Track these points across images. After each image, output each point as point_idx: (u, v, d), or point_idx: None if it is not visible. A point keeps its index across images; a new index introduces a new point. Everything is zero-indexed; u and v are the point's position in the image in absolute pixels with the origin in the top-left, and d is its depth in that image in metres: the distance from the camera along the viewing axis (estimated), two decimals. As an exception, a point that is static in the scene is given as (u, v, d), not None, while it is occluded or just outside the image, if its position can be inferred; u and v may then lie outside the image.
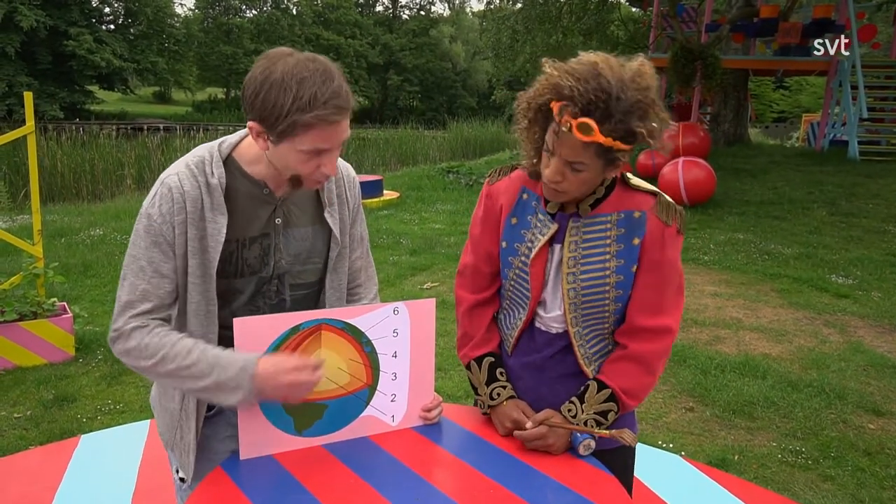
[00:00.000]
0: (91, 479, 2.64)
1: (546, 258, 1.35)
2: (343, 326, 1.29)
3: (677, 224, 1.31)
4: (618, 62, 1.18)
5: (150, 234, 1.20)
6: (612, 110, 1.13)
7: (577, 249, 1.32)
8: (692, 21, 13.30)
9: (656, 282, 1.31)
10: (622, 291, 1.32)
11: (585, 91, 1.12)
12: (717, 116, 13.47)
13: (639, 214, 1.30)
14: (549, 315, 1.38)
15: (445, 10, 59.17)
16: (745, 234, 7.61)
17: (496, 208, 1.41)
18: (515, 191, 1.39)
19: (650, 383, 1.36)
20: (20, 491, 2.55)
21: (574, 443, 1.31)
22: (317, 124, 1.12)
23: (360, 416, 1.34)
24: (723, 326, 4.68)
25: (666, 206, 1.31)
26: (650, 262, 1.31)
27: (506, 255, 1.40)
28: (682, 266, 1.35)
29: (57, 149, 11.53)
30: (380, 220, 8.41)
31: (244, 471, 1.21)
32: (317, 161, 1.19)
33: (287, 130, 1.13)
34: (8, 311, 3.72)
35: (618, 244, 1.31)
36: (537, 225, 1.35)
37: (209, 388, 1.17)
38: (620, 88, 1.14)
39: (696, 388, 3.62)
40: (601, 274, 1.31)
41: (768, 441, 3.07)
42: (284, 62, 1.12)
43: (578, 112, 1.14)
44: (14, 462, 2.76)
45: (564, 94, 1.14)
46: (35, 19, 29.95)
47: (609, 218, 1.32)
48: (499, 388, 1.41)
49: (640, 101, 1.15)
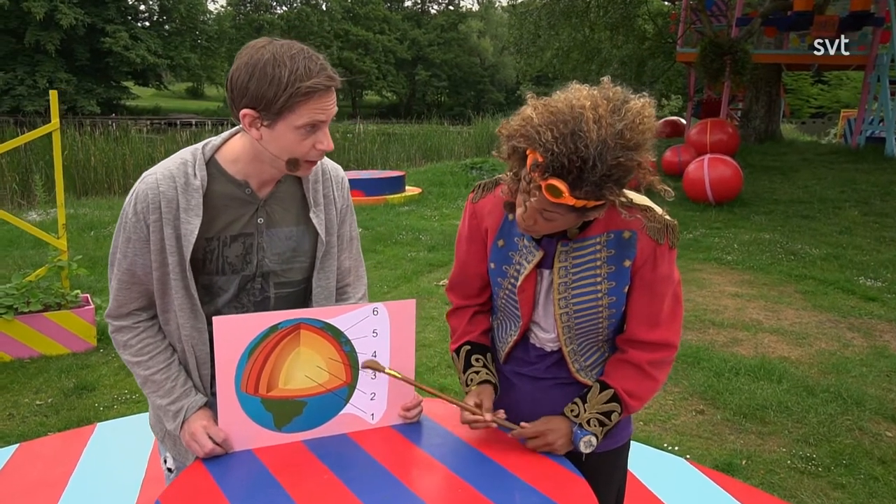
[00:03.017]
0: (104, 465, 2.73)
1: (535, 281, 1.33)
2: (322, 326, 1.31)
3: (669, 241, 1.27)
4: (611, 109, 1.05)
5: (125, 231, 1.27)
6: (586, 177, 1.05)
7: (567, 275, 1.29)
8: (722, 15, 12.99)
9: (650, 297, 1.30)
10: (615, 310, 1.31)
11: (560, 153, 1.04)
12: (748, 112, 13.16)
13: (628, 235, 1.25)
14: (543, 335, 1.38)
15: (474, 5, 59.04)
16: (771, 234, 7.44)
17: (482, 230, 1.38)
18: (501, 212, 1.34)
19: (653, 387, 1.35)
20: (37, 475, 2.65)
21: (575, 440, 1.31)
22: (314, 93, 1.16)
23: (339, 413, 1.36)
24: (741, 328, 4.59)
25: (657, 223, 1.25)
26: (642, 280, 1.29)
27: (495, 276, 1.39)
28: (678, 274, 1.32)
29: (90, 144, 11.86)
30: (400, 216, 8.45)
31: (222, 465, 1.25)
32: (312, 139, 1.22)
33: (286, 105, 1.15)
34: (34, 302, 3.86)
35: (608, 266, 1.28)
36: (522, 251, 1.33)
37: (158, 406, 1.34)
38: (600, 153, 1.03)
39: (708, 391, 3.57)
40: (593, 297, 1.29)
41: (778, 446, 3.01)
42: (268, 48, 1.17)
43: (549, 175, 1.06)
44: (33, 447, 2.88)
45: (538, 150, 1.07)
46: (74, 17, 30.85)
47: (598, 239, 1.27)
48: (472, 373, 1.42)
49: (621, 165, 1.05)
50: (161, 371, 1.32)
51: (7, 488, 2.54)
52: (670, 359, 1.35)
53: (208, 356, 1.34)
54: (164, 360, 1.33)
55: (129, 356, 1.33)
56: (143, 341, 1.32)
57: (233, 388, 1.27)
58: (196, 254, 1.28)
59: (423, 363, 3.92)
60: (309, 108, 1.17)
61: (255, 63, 1.15)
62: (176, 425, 1.31)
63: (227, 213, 1.30)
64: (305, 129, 1.20)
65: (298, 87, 1.14)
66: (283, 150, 1.22)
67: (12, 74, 30.55)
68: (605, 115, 1.04)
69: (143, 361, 1.32)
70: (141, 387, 1.35)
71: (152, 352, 1.33)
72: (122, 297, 1.31)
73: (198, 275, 1.30)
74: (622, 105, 1.07)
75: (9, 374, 3.62)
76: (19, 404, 3.32)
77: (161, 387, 1.32)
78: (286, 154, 1.23)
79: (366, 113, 41.46)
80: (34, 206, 8.79)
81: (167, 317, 1.33)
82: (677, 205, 8.86)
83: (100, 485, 2.59)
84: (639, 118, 1.07)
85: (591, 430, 1.31)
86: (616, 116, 1.05)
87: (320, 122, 1.20)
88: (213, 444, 1.25)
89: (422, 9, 54.41)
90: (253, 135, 1.22)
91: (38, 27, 30.33)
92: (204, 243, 1.29)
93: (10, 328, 3.76)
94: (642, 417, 3.31)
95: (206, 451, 1.25)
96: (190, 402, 1.32)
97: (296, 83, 1.14)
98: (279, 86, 1.14)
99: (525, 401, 1.42)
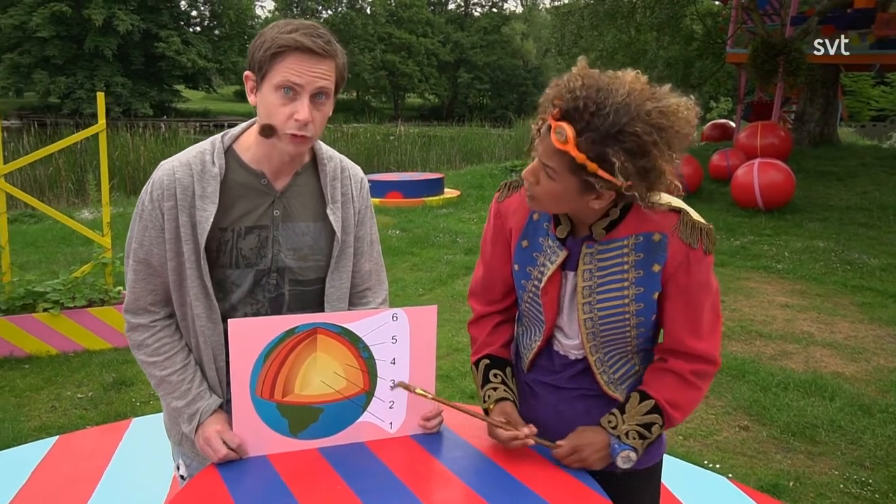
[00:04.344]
0: (137, 460, 2.77)
1: (559, 284, 1.26)
2: (339, 331, 1.27)
3: (703, 245, 1.18)
4: (651, 92, 1.04)
5: (141, 220, 1.27)
6: (595, 126, 1.02)
7: (591, 278, 1.22)
8: (776, 14, 12.49)
9: (687, 306, 1.21)
10: (644, 318, 1.23)
11: (579, 96, 1.03)
12: (802, 115, 12.60)
13: (658, 237, 1.18)
14: (567, 342, 1.31)
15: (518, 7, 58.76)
16: (825, 242, 7.09)
17: (506, 230, 1.34)
18: (526, 210, 1.30)
19: (696, 399, 1.26)
20: (74, 468, 2.71)
21: (612, 455, 1.23)
22: (288, 50, 1.16)
23: (356, 421, 1.32)
24: (791, 340, 4.36)
25: (690, 226, 1.17)
26: (676, 287, 1.20)
27: (519, 279, 1.33)
28: (717, 283, 1.24)
29: (141, 144, 12.28)
30: (438, 219, 8.41)
31: (236, 470, 1.22)
32: (290, 107, 1.19)
33: (264, 60, 1.17)
34: (78, 298, 3.98)
35: (636, 270, 1.20)
36: (546, 251, 1.27)
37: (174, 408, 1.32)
38: (617, 109, 1.01)
39: (754, 406, 3.39)
40: (620, 303, 1.21)
41: (830, 468, 2.83)
42: (281, 19, 1.22)
43: (559, 114, 1.05)
44: (71, 440, 2.94)
45: (561, 92, 1.06)
46: (131, 23, 32.07)
47: (626, 242, 1.20)
48: (490, 389, 1.35)
49: (637, 136, 1.01)
50: (178, 372, 1.30)
51: (44, 481, 2.60)
52: (712, 373, 1.26)
53: (223, 348, 1.31)
54: (181, 360, 1.31)
55: (145, 356, 1.31)
56: (160, 341, 1.31)
57: (248, 392, 1.23)
58: (210, 244, 1.26)
59: (457, 368, 3.86)
60: (285, 66, 1.17)
61: (262, 31, 1.22)
62: (191, 428, 1.29)
63: (242, 203, 1.28)
64: (282, 91, 1.18)
65: (275, 40, 1.16)
66: (265, 114, 1.22)
67: (73, 79, 31.96)
68: (640, 90, 1.04)
69: (160, 362, 1.30)
70: (156, 388, 1.34)
71: (169, 352, 1.31)
72: (139, 289, 1.30)
73: (212, 268, 1.28)
74: (663, 95, 1.06)
75: (54, 367, 3.73)
76: (62, 397, 3.41)
77: (177, 388, 1.30)
78: (265, 119, 1.21)
79: (407, 115, 41.71)
80: (87, 205, 9.12)
81: (184, 310, 1.31)
82: (724, 210, 8.56)
83: (132, 479, 2.63)
84: (674, 109, 1.04)
85: (630, 443, 1.23)
86: (651, 96, 1.04)
87: (296, 85, 1.18)
88: (227, 450, 1.23)
89: (465, 11, 54.43)
90: (251, 101, 1.24)
91: (97, 33, 31.65)
92: (218, 233, 1.27)
93: (56, 322, 3.88)
94: (682, 431, 3.17)
95: (220, 457, 1.22)
96: (205, 405, 1.30)
97: (275, 37, 1.17)
98: (263, 42, 1.18)
99: (547, 411, 1.35)
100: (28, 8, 30.78)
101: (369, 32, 44.88)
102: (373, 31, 45.25)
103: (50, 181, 10.70)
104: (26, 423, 3.13)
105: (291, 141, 1.22)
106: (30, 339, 3.85)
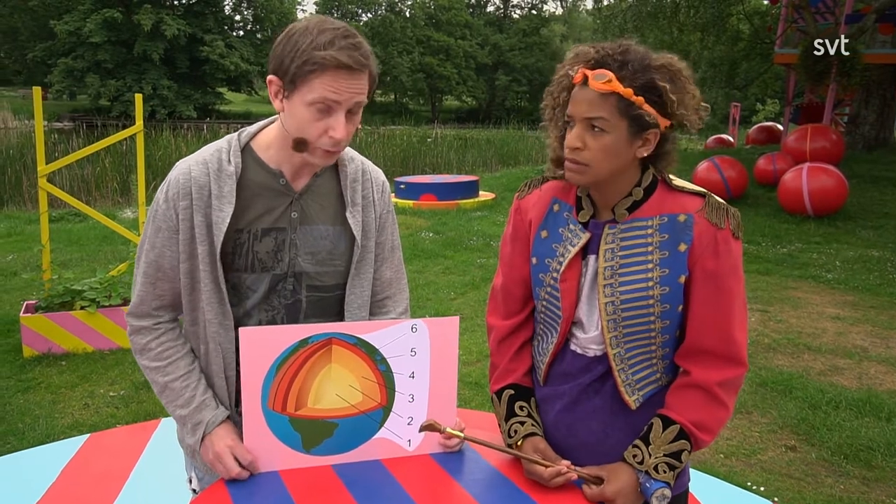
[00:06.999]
0: (164, 460, 2.77)
1: (579, 271, 1.20)
2: (355, 342, 1.20)
3: (731, 226, 1.12)
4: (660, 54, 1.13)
5: (155, 221, 1.23)
6: (629, 61, 1.09)
7: (613, 258, 1.16)
8: (829, 12, 11.98)
9: (715, 295, 1.13)
10: (669, 306, 1.14)
11: (603, 48, 1.11)
12: (856, 118, 12.06)
13: (684, 217, 1.14)
14: (585, 336, 1.21)
15: (557, 9, 58.24)
16: (880, 251, 6.73)
17: (525, 224, 1.28)
18: (546, 202, 1.27)
19: (724, 416, 1.16)
20: (103, 466, 2.72)
21: (646, 496, 1.14)
22: (328, 67, 1.08)
23: (373, 437, 1.24)
24: (843, 355, 4.12)
25: (716, 207, 1.15)
26: (704, 272, 1.13)
27: (536, 273, 1.25)
28: (743, 274, 1.16)
29: (183, 146, 12.59)
30: (472, 222, 8.33)
31: (245, 487, 1.16)
32: (325, 123, 1.13)
33: (298, 74, 1.09)
34: (114, 296, 4.04)
35: (661, 251, 1.14)
36: (568, 236, 1.21)
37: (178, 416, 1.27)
38: (641, 57, 1.09)
39: (802, 425, 3.20)
40: (643, 285, 1.14)
41: (888, 496, 2.63)
42: (310, 19, 1.13)
43: (593, 64, 1.10)
44: (102, 438, 2.97)
45: (582, 55, 1.12)
46: (177, 28, 33.03)
47: (650, 222, 1.15)
48: (517, 424, 1.26)
49: (664, 66, 1.10)
50: (181, 378, 1.25)
51: (74, 478, 2.62)
52: (741, 380, 1.17)
53: (234, 356, 1.26)
54: (185, 366, 1.26)
55: (148, 361, 1.26)
56: (164, 345, 1.26)
57: (259, 405, 1.18)
58: (225, 247, 1.21)
59: (486, 375, 3.76)
60: (322, 83, 1.09)
61: (289, 31, 1.13)
62: (196, 440, 1.24)
63: (259, 204, 1.23)
64: (317, 107, 1.11)
65: (311, 55, 1.08)
66: (295, 127, 1.15)
67: (122, 82, 33.11)
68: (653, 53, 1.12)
69: (162, 367, 1.25)
70: (158, 396, 1.29)
71: (172, 356, 1.26)
72: (145, 293, 1.25)
73: (226, 272, 1.23)
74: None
75: (89, 365, 3.79)
76: (95, 394, 3.46)
77: (180, 395, 1.25)
78: (296, 132, 1.15)
79: (445, 118, 41.71)
80: (130, 204, 9.37)
81: (195, 315, 1.26)
82: (771, 216, 8.23)
83: (158, 479, 2.62)
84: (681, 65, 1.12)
85: (661, 478, 1.13)
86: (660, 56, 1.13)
87: (333, 102, 1.11)
88: (239, 468, 1.17)
89: (504, 13, 54.20)
90: (276, 106, 1.17)
91: (145, 38, 32.71)
92: (234, 235, 1.22)
93: (92, 320, 3.95)
94: (723, 449, 3.00)
95: (232, 476, 1.17)
96: (210, 417, 1.24)
97: (311, 52, 1.08)
98: (295, 52, 1.09)
99: (560, 427, 1.26)
100: (82, 14, 32.02)
101: (408, 35, 45.09)
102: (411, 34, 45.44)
103: (96, 181, 11.04)
104: (60, 420, 3.18)
105: (324, 156, 1.17)
106: (67, 336, 3.92)
